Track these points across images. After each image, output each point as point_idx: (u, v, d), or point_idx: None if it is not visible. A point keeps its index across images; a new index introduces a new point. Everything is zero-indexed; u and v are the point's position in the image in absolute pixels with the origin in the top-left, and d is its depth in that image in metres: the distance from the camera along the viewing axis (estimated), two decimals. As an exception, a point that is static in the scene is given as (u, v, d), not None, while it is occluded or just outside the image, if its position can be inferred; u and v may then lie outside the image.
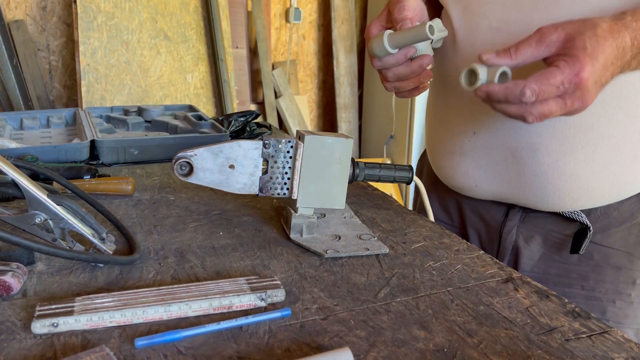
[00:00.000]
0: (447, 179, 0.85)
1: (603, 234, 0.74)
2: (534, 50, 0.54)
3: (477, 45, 0.71)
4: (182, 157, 0.65)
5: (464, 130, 0.77)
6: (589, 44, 0.52)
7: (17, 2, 2.27)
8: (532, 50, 0.55)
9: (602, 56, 0.53)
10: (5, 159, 0.58)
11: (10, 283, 0.51)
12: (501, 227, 0.81)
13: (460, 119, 0.77)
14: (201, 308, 0.49)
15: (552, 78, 0.52)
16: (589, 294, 0.76)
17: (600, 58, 0.53)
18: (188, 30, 2.36)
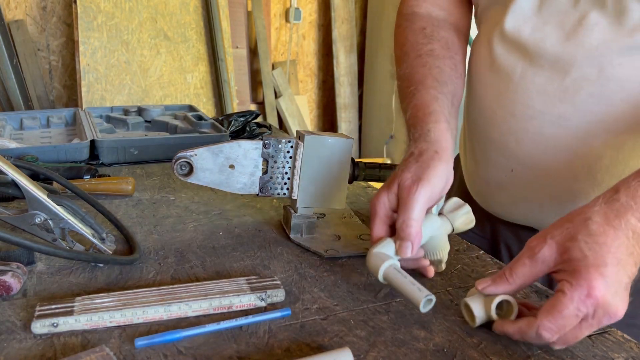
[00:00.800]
0: (482, 204, 0.80)
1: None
2: (530, 269, 0.48)
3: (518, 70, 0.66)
4: (182, 157, 0.65)
5: (502, 165, 0.71)
6: (587, 251, 0.45)
7: (17, 2, 2.27)
8: (527, 270, 0.48)
9: (611, 256, 0.45)
10: (5, 159, 0.58)
11: (10, 283, 0.51)
12: None
13: (498, 154, 0.71)
14: (201, 308, 0.49)
15: (563, 309, 0.44)
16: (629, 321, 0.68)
17: (610, 260, 0.45)
18: (188, 30, 2.36)
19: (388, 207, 0.58)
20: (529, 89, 0.65)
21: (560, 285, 0.46)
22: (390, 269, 0.52)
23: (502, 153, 0.71)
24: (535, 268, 0.48)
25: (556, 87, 0.63)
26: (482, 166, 0.76)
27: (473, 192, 0.82)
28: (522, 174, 0.70)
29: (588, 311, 0.44)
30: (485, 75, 0.72)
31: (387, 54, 2.95)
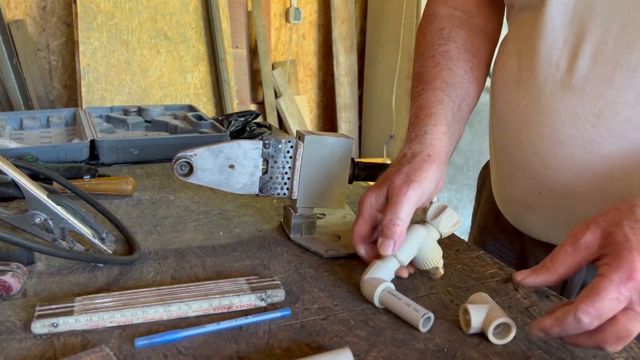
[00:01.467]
0: (511, 221, 0.77)
1: None
2: (572, 257, 0.46)
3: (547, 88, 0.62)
4: (182, 157, 0.65)
5: (529, 187, 0.69)
6: (632, 235, 0.43)
7: (17, 2, 2.27)
8: (570, 258, 0.46)
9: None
10: (5, 159, 0.58)
11: (10, 283, 0.51)
12: None
13: (524, 176, 0.69)
14: (201, 308, 0.49)
15: (602, 292, 0.42)
16: None
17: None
18: (188, 30, 2.36)
19: (374, 207, 0.58)
20: (559, 110, 0.61)
21: (601, 269, 0.44)
22: (384, 293, 0.52)
23: (528, 175, 0.68)
24: (577, 255, 0.46)
25: (588, 111, 0.59)
26: (509, 185, 0.73)
27: (501, 208, 0.78)
28: (550, 197, 0.66)
29: (632, 295, 0.42)
30: (511, 90, 0.68)
31: (387, 54, 2.95)
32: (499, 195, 0.79)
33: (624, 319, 0.42)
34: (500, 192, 0.78)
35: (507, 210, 0.76)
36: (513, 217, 0.75)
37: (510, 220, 0.77)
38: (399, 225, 0.54)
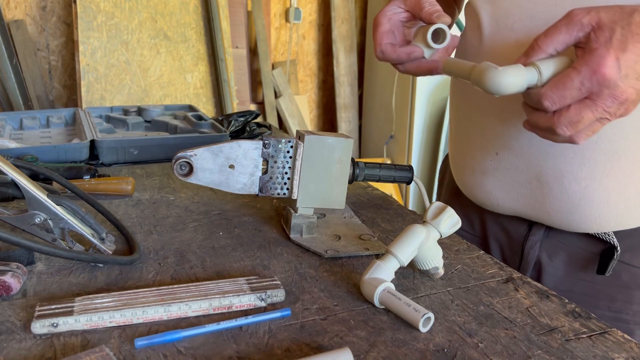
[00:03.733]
0: (469, 194, 0.81)
1: (632, 254, 0.69)
2: (564, 35, 0.49)
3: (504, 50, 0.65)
4: (182, 157, 0.65)
5: (486, 149, 0.72)
6: (617, 36, 0.47)
7: (16, 2, 2.27)
8: (562, 36, 0.49)
9: (637, 47, 0.47)
10: (5, 159, 0.58)
11: (10, 283, 0.51)
12: (524, 241, 0.76)
13: (483, 138, 0.73)
14: (201, 308, 0.49)
15: (568, 81, 0.47)
16: (615, 315, 0.71)
17: (632, 49, 0.47)
18: (188, 30, 2.36)
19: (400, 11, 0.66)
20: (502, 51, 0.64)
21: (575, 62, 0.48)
22: (384, 293, 0.52)
23: (485, 136, 0.71)
24: (568, 34, 0.49)
25: None
26: (468, 153, 0.77)
27: (460, 184, 0.82)
28: (507, 156, 0.70)
29: (593, 88, 0.46)
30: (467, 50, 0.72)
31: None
32: (457, 168, 0.82)
33: (580, 106, 0.48)
34: (458, 164, 0.81)
35: (467, 183, 0.79)
36: (472, 188, 0.78)
37: (470, 193, 0.79)
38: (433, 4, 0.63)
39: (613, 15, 0.48)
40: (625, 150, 0.63)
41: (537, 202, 0.70)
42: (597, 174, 0.64)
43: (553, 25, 0.50)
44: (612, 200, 0.65)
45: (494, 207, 0.76)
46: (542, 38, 0.50)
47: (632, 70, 0.47)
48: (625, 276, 0.70)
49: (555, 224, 0.71)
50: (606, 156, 0.63)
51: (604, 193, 0.65)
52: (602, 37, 0.47)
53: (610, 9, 0.49)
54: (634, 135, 0.62)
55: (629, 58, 0.47)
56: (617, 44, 0.47)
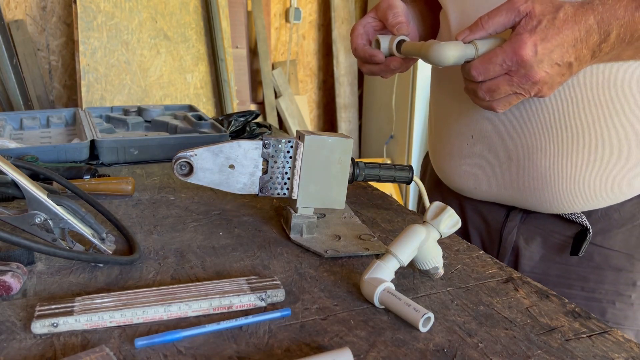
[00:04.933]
0: (447, 181, 0.85)
1: (604, 236, 0.74)
2: (505, 18, 0.57)
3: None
4: (182, 157, 0.65)
5: (462, 133, 0.77)
6: (542, 26, 0.55)
7: (17, 2, 2.27)
8: (502, 19, 0.57)
9: (555, 38, 0.55)
10: (5, 159, 0.58)
11: (10, 283, 0.51)
12: (502, 227, 0.81)
13: (458, 122, 0.78)
14: (201, 308, 0.49)
15: (493, 56, 0.57)
16: (589, 295, 0.76)
17: (552, 39, 0.55)
18: (188, 30, 2.36)
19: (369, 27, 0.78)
20: None
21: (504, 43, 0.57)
22: (384, 292, 0.52)
23: (461, 121, 0.77)
24: (508, 18, 0.57)
25: None
26: (445, 139, 0.82)
27: (440, 172, 0.87)
28: (481, 139, 0.75)
29: (512, 66, 0.56)
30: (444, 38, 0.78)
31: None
32: (436, 156, 0.88)
33: (499, 79, 0.58)
34: (437, 151, 0.86)
35: (445, 169, 0.84)
36: (450, 174, 0.83)
37: (448, 180, 0.84)
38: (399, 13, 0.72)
39: (544, 8, 0.56)
40: (588, 128, 0.67)
41: (512, 182, 0.75)
42: (564, 150, 0.69)
43: (496, 8, 0.58)
44: (579, 176, 0.70)
45: (471, 191, 0.81)
46: (485, 18, 0.58)
47: (548, 57, 0.56)
48: (597, 257, 0.74)
49: (529, 205, 0.76)
50: (571, 133, 0.68)
51: (571, 169, 0.70)
52: (529, 25, 0.56)
53: (545, 1, 0.57)
54: (595, 113, 0.66)
55: (546, 47, 0.55)
56: (540, 33, 0.55)
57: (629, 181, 0.70)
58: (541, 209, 0.75)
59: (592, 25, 0.56)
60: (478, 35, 0.59)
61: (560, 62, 0.57)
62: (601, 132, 0.67)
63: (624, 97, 0.65)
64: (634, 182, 0.71)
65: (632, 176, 0.70)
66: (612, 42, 0.57)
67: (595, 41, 0.56)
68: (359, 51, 0.78)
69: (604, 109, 0.66)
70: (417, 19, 0.84)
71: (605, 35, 0.56)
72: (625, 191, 0.71)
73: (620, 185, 0.70)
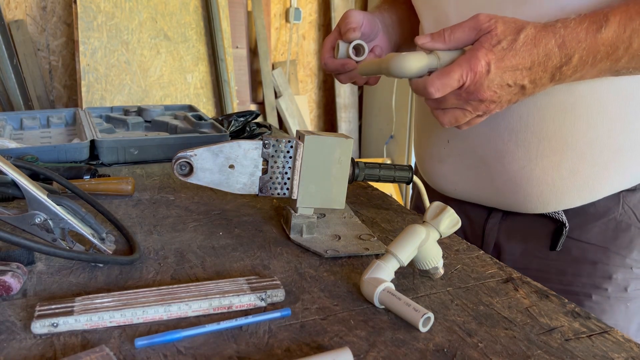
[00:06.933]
0: (431, 183, 0.88)
1: (581, 230, 0.75)
2: (467, 35, 0.57)
3: None
4: (182, 157, 0.65)
5: (440, 138, 0.80)
6: (501, 46, 0.55)
7: (17, 2, 2.27)
8: (465, 36, 0.57)
9: (514, 60, 0.55)
10: (5, 159, 0.58)
11: (10, 283, 0.51)
12: (484, 225, 0.83)
13: (436, 127, 0.80)
14: (201, 308, 0.49)
15: (451, 71, 0.56)
16: (566, 288, 0.77)
17: (508, 61, 0.55)
18: (188, 30, 2.36)
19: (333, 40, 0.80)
20: None
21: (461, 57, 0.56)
22: (384, 292, 0.52)
23: (438, 126, 0.79)
24: (470, 36, 0.56)
25: None
26: (425, 143, 0.86)
27: (423, 173, 0.90)
28: (456, 143, 0.77)
29: (467, 82, 0.56)
30: None
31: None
32: (419, 158, 0.91)
33: (454, 93, 0.58)
34: (420, 154, 0.90)
35: (428, 170, 0.87)
36: (432, 176, 0.87)
37: (432, 182, 0.88)
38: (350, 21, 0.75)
39: (507, 27, 0.55)
40: (553, 133, 0.68)
41: (487, 185, 0.77)
42: (532, 154, 0.70)
43: (460, 23, 0.57)
44: (549, 179, 0.71)
45: (452, 192, 0.83)
46: (448, 32, 0.57)
47: (500, 77, 0.56)
48: (574, 251, 0.76)
49: (506, 205, 0.78)
50: (537, 138, 0.69)
51: (540, 172, 0.71)
52: (489, 42, 0.55)
53: (508, 21, 0.56)
54: (559, 119, 0.68)
55: (500, 67, 0.55)
56: (498, 52, 0.55)
57: (599, 182, 0.71)
58: (517, 210, 0.77)
59: (552, 48, 0.55)
60: (437, 46, 0.58)
61: (512, 84, 0.57)
62: (567, 138, 0.68)
63: (585, 103, 0.66)
64: (605, 184, 0.71)
65: (602, 178, 0.71)
66: (575, 65, 0.57)
67: (555, 64, 0.56)
68: (329, 65, 0.80)
69: (567, 115, 0.67)
70: (395, 26, 0.86)
71: (567, 58, 0.56)
72: (596, 192, 0.72)
73: (591, 186, 0.71)
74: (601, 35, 0.55)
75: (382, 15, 0.87)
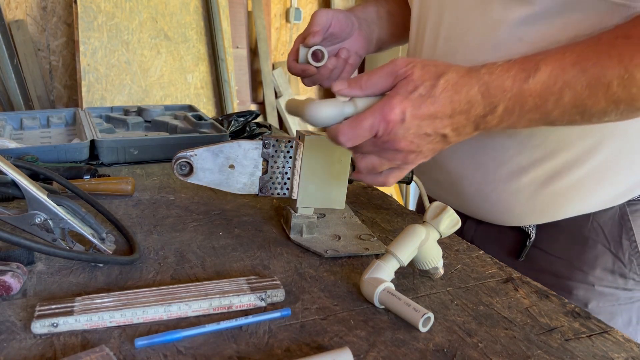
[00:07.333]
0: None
1: (548, 241, 0.74)
2: (384, 81, 0.52)
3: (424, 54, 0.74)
4: (182, 157, 0.65)
5: None
6: (418, 92, 0.50)
7: (17, 2, 2.27)
8: (382, 82, 0.53)
9: (432, 107, 0.50)
10: (5, 159, 0.58)
11: (10, 283, 0.51)
12: (461, 231, 0.82)
13: None
14: (201, 308, 0.49)
15: (362, 120, 0.51)
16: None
17: (426, 108, 0.50)
18: (188, 30, 2.36)
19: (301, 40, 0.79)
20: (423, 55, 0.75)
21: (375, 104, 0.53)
22: (384, 292, 0.52)
23: None
24: (387, 83, 0.52)
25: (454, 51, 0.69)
26: None
27: None
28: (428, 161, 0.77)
29: (380, 131, 0.51)
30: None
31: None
32: None
33: (368, 142, 0.53)
34: None
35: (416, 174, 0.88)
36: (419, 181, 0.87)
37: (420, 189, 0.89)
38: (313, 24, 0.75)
39: (424, 73, 0.51)
40: (509, 159, 0.68)
41: (457, 198, 0.78)
42: (489, 178, 0.71)
43: (377, 69, 0.53)
44: (506, 200, 0.72)
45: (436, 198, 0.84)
46: (365, 78, 0.53)
47: (416, 126, 0.51)
48: (540, 261, 0.76)
49: (477, 217, 0.79)
50: (494, 162, 0.69)
51: (496, 194, 0.72)
52: (404, 89, 0.51)
53: (427, 66, 0.52)
54: (516, 147, 0.67)
55: (417, 115, 0.50)
56: (414, 99, 0.50)
57: (562, 207, 0.70)
58: (486, 221, 0.78)
59: (474, 96, 0.51)
60: (354, 92, 0.54)
61: (431, 133, 0.52)
62: (523, 165, 0.68)
63: (543, 133, 0.65)
64: (568, 208, 0.71)
65: (564, 204, 0.70)
66: (500, 115, 0.52)
67: (479, 113, 0.52)
68: (291, 69, 0.80)
69: (524, 144, 0.66)
70: (382, 21, 0.85)
71: (491, 107, 0.51)
72: (559, 214, 0.71)
73: (552, 211, 0.71)
74: (528, 86, 0.50)
75: (365, 11, 0.85)
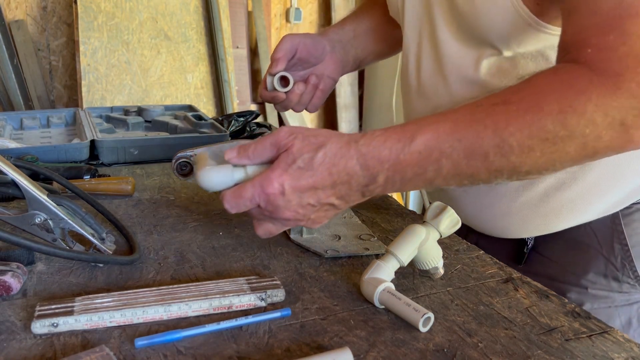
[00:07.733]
0: None
1: (544, 245, 0.76)
2: (268, 151, 0.54)
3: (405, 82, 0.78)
4: (182, 157, 0.65)
5: None
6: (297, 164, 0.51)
7: (17, 2, 2.27)
8: (267, 152, 0.54)
9: (311, 180, 0.51)
10: (5, 159, 0.58)
11: (10, 283, 0.51)
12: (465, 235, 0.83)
13: None
14: (201, 308, 0.49)
15: (243, 191, 0.53)
16: None
17: (305, 181, 0.51)
18: (188, 30, 2.36)
19: None
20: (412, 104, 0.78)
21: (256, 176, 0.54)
22: (384, 292, 0.52)
23: None
24: (272, 152, 0.54)
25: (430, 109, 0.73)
26: None
27: None
28: None
29: (261, 202, 0.52)
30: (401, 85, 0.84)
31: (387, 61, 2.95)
32: None
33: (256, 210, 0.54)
34: None
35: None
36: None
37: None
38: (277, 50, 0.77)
39: (305, 146, 0.52)
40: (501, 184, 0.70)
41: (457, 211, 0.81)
42: (479, 201, 0.74)
43: (263, 139, 0.55)
44: (498, 221, 0.75)
45: None
46: (252, 148, 0.55)
47: (298, 197, 0.51)
48: (536, 265, 0.77)
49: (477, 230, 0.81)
50: (486, 187, 0.72)
51: (487, 215, 0.76)
52: (284, 162, 0.52)
53: (308, 137, 0.52)
54: None
55: (296, 187, 0.51)
56: (293, 172, 0.51)
57: (558, 222, 0.72)
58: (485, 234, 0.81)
59: (353, 167, 0.51)
60: (243, 161, 0.55)
61: (315, 203, 0.52)
62: (517, 186, 0.69)
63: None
64: (563, 223, 0.72)
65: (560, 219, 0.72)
66: (382, 184, 0.52)
67: (361, 182, 0.52)
68: (263, 97, 0.83)
69: None
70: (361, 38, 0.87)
71: (371, 178, 0.51)
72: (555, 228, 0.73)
73: (545, 229, 0.73)
74: (405, 157, 0.50)
75: (340, 32, 0.87)
